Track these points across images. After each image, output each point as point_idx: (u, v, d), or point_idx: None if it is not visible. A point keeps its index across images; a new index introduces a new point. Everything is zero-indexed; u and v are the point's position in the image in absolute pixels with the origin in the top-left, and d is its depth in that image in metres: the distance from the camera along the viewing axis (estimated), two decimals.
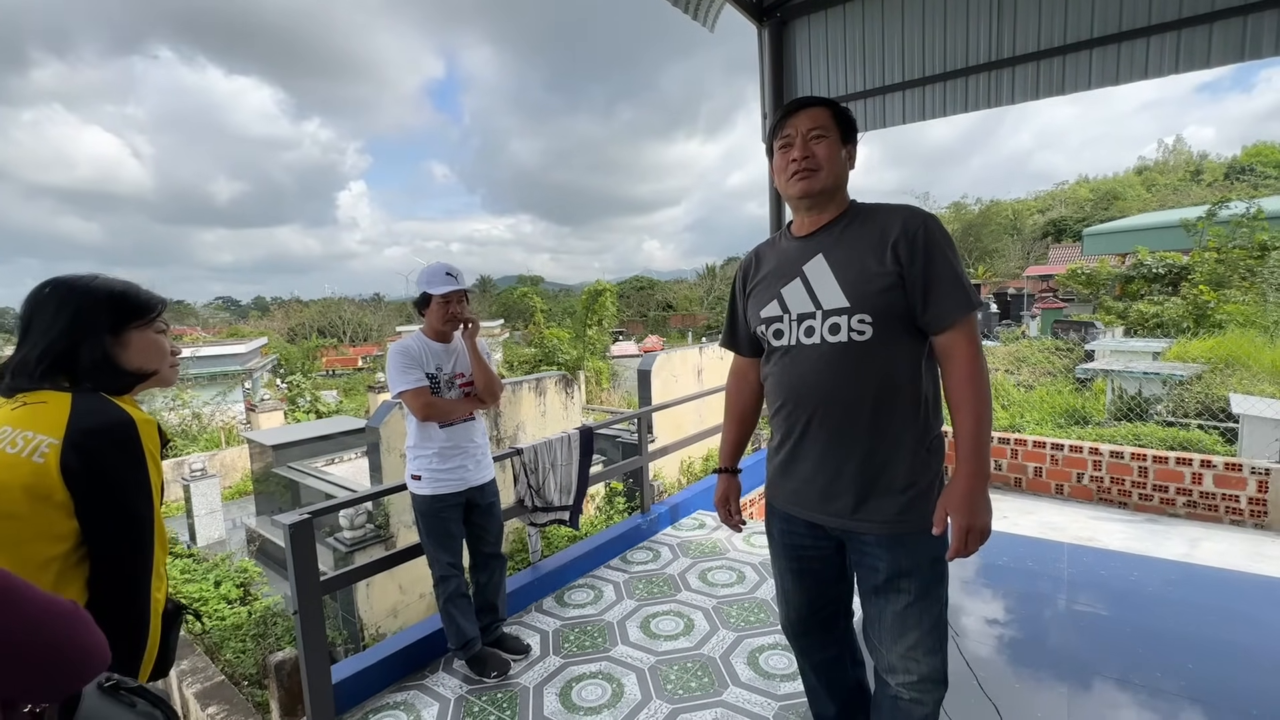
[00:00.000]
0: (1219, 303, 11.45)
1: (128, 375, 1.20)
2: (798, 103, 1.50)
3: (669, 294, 49.12)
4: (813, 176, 1.44)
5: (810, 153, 1.43)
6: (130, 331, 1.20)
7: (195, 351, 18.01)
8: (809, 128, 1.44)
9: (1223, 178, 37.62)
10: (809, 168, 1.43)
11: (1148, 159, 51.29)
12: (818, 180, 1.44)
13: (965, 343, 1.37)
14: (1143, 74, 2.73)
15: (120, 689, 0.95)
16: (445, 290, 2.41)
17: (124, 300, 1.20)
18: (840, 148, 1.46)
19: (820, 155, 1.43)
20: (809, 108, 1.46)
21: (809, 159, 1.43)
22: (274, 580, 5.97)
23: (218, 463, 12.31)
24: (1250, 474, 4.71)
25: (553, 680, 2.54)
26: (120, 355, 1.18)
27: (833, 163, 1.45)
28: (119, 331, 1.18)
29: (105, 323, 1.16)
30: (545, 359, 16.83)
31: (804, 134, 1.45)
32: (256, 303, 73.36)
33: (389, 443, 4.95)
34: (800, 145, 1.44)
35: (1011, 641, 2.64)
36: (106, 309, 1.16)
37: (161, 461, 1.19)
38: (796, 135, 1.46)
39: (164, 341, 1.29)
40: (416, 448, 2.48)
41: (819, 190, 1.45)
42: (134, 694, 0.95)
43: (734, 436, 1.82)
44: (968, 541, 1.33)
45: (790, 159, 1.46)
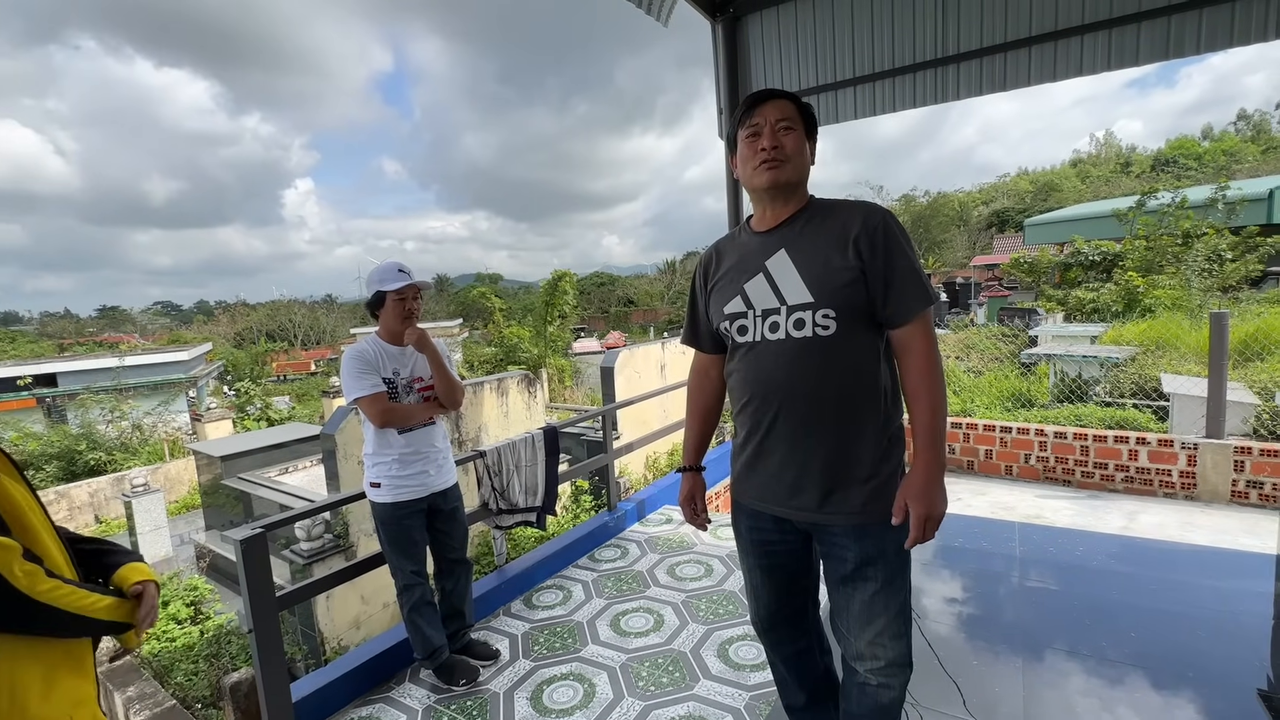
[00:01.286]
0: (1148, 288, 12.13)
1: None
2: (765, 93, 1.48)
3: (630, 289, 49.13)
4: (780, 167, 1.43)
5: (779, 143, 1.43)
6: None
7: (123, 360, 17.04)
8: (777, 118, 1.44)
9: (1149, 169, 39.89)
10: (777, 158, 1.43)
11: (1081, 152, 53.94)
12: (785, 171, 1.44)
13: (922, 336, 1.40)
14: (1078, 71, 2.85)
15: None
16: (399, 285, 2.34)
17: None
18: (805, 141, 1.48)
19: (789, 146, 1.44)
20: (776, 98, 1.46)
21: (778, 149, 1.43)
22: (227, 597, 5.72)
23: (161, 476, 11.72)
24: (1181, 449, 5.00)
25: (523, 684, 2.51)
26: None
27: (800, 155, 1.46)
28: None
29: None
30: (506, 358, 16.61)
31: (772, 123, 1.44)
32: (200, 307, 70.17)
33: (345, 449, 4.79)
34: (769, 135, 1.43)
35: (969, 619, 2.74)
36: None
37: None
38: (765, 124, 1.44)
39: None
40: (375, 455, 2.40)
41: (785, 181, 1.45)
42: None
43: (697, 434, 1.81)
44: (925, 529, 1.37)
45: (759, 148, 1.44)
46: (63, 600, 1.13)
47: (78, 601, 1.16)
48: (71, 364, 16.89)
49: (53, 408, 15.78)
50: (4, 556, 1.05)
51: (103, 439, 13.29)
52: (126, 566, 1.31)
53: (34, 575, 1.09)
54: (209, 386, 21.05)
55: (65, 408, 14.89)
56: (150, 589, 1.29)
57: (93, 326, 49.34)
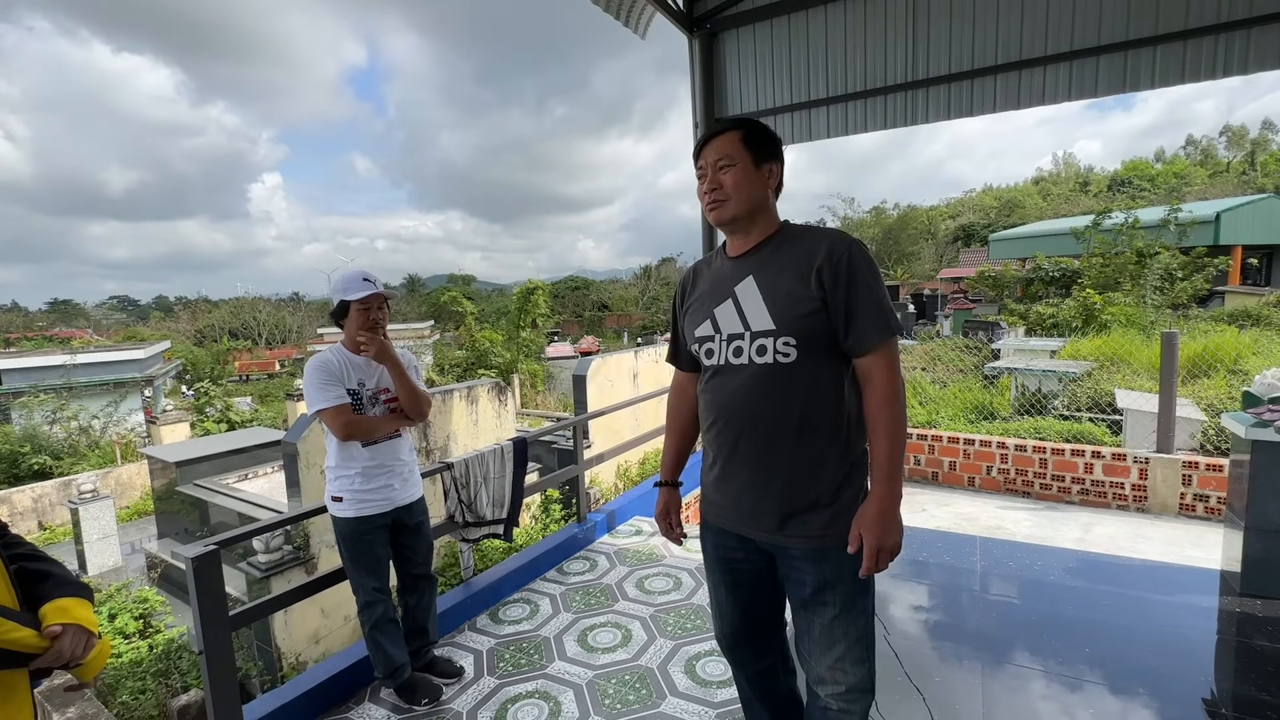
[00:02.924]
0: (1104, 304, 12.61)
1: None
2: (707, 134, 1.54)
3: (604, 294, 49.10)
4: (721, 207, 1.49)
5: (719, 183, 1.48)
6: None
7: (74, 358, 16.27)
8: (715, 159, 1.49)
9: (1106, 189, 41.52)
10: (718, 199, 1.49)
11: (1044, 170, 55.93)
12: (727, 210, 1.49)
13: (883, 367, 1.41)
14: (1040, 99, 2.95)
15: None
16: (364, 295, 2.29)
17: None
18: (753, 171, 1.48)
19: (727, 185, 1.48)
20: (717, 137, 1.51)
21: (717, 190, 1.48)
22: (179, 609, 5.50)
23: (112, 481, 11.24)
24: (1133, 463, 5.19)
25: (487, 703, 2.46)
26: None
27: (740, 189, 1.48)
28: None
29: None
30: (478, 362, 16.41)
31: (712, 164, 1.50)
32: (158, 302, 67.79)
33: (308, 458, 4.66)
34: (711, 176, 1.50)
35: (932, 631, 2.79)
36: None
37: None
38: (707, 166, 1.51)
39: None
40: (338, 468, 2.34)
41: (731, 218, 1.50)
42: None
43: (674, 450, 1.83)
44: (878, 559, 1.39)
45: (703, 191, 1.52)
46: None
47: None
48: (17, 361, 16.12)
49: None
50: None
51: (48, 441, 12.69)
52: (53, 604, 1.20)
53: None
54: (166, 386, 20.32)
55: (9, 407, 14.19)
56: (67, 635, 1.17)
57: (42, 320, 47.22)
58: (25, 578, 1.23)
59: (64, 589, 1.27)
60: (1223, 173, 40.82)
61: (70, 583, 1.31)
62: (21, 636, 1.13)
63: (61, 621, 1.19)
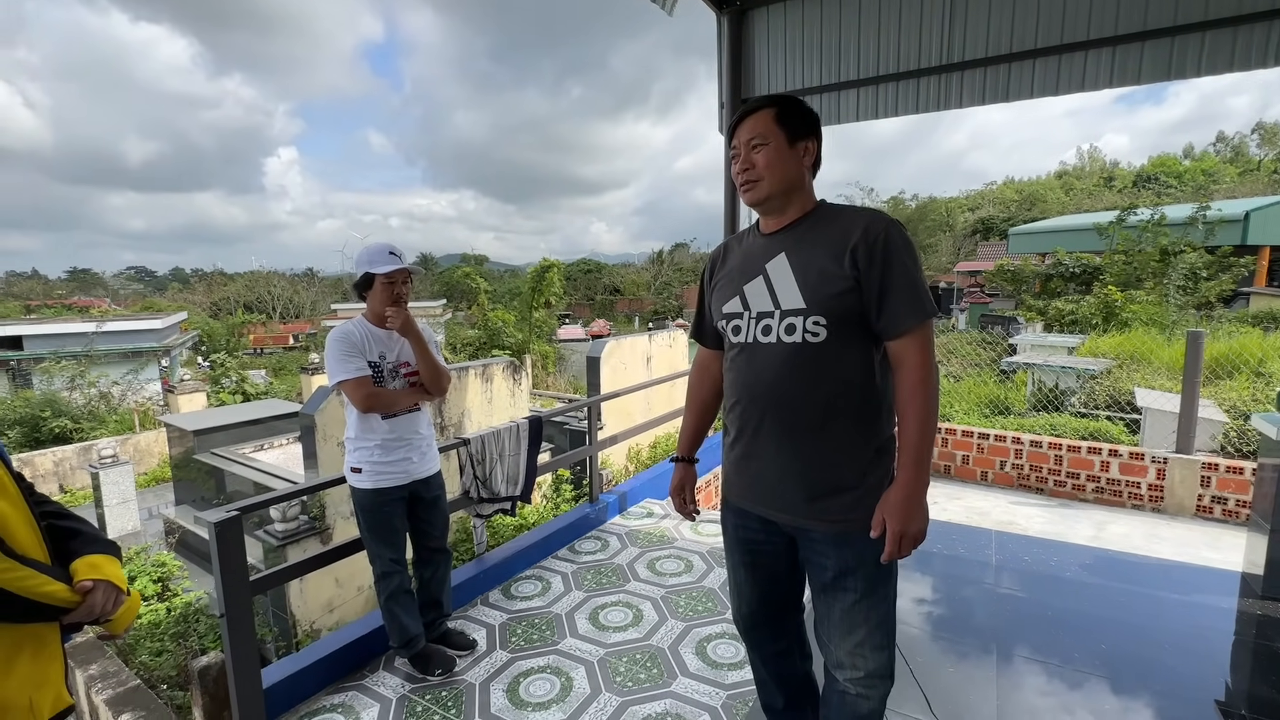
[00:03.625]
0: (1125, 302, 12.39)
1: None
2: (740, 113, 1.50)
3: (616, 278, 48.96)
4: (754, 187, 1.46)
5: (751, 164, 1.46)
6: None
7: (100, 326, 16.54)
8: (748, 138, 1.46)
9: (1131, 185, 40.64)
10: (750, 179, 1.46)
11: (1067, 164, 54.78)
12: (760, 190, 1.46)
13: (916, 350, 1.38)
14: (1080, 86, 2.87)
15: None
16: (389, 269, 2.28)
17: None
18: (786, 149, 1.45)
19: (760, 165, 1.45)
20: (750, 116, 1.47)
21: (749, 170, 1.46)
22: (196, 574, 5.61)
23: (131, 447, 11.44)
24: (1151, 463, 5.12)
25: (500, 676, 2.49)
26: None
27: (774, 169, 1.44)
28: None
29: None
30: (490, 341, 16.46)
31: (745, 144, 1.47)
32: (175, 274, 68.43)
33: (325, 430, 4.70)
34: (744, 157, 1.47)
35: (945, 624, 2.78)
36: None
37: None
38: (740, 147, 1.48)
39: None
40: (357, 439, 2.35)
41: (764, 198, 1.48)
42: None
43: (693, 426, 1.83)
44: (901, 545, 1.36)
45: (737, 172, 1.49)
46: (14, 583, 1.07)
47: (33, 587, 1.11)
48: (39, 327, 16.37)
49: (17, 371, 15.30)
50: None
51: (68, 406, 12.92)
52: (83, 559, 1.23)
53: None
54: (182, 357, 20.57)
55: (30, 372, 14.42)
56: (98, 590, 1.20)
57: (62, 289, 47.87)
58: (55, 535, 1.25)
59: (93, 546, 1.29)
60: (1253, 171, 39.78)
61: (99, 540, 1.33)
62: (54, 590, 1.14)
63: (92, 577, 1.21)
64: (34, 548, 1.17)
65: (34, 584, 1.11)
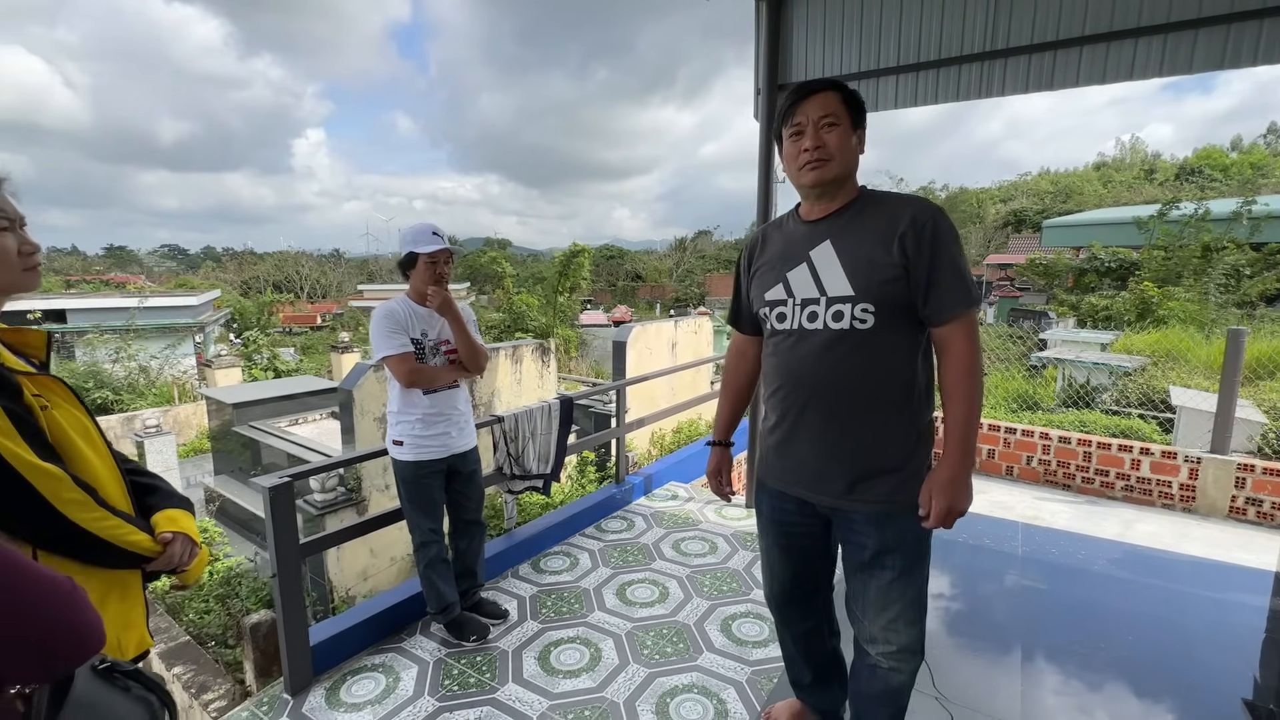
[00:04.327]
0: (1163, 299, 12.05)
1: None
2: (808, 87, 1.45)
3: (638, 264, 48.80)
4: (824, 166, 1.43)
5: (822, 142, 1.42)
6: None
7: (142, 301, 17.09)
8: (820, 115, 1.42)
9: (1173, 178, 39.20)
10: (821, 158, 1.42)
11: (1107, 155, 53.00)
12: (829, 170, 1.43)
13: (963, 337, 1.40)
14: (1129, 75, 2.80)
15: (114, 671, 0.91)
16: (433, 249, 2.35)
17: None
18: (850, 133, 1.45)
19: (832, 144, 1.42)
20: (820, 93, 1.43)
21: (821, 149, 1.42)
22: (235, 541, 5.83)
23: (170, 419, 11.84)
24: (1184, 462, 5.03)
25: (531, 644, 2.58)
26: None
27: (844, 151, 1.44)
28: None
29: None
30: (514, 325, 16.62)
31: (815, 121, 1.43)
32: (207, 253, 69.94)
33: (362, 406, 4.84)
34: (812, 134, 1.42)
35: (970, 614, 2.80)
36: None
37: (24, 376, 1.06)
38: (808, 123, 1.43)
39: (6, 242, 1.04)
40: (399, 413, 2.44)
41: (831, 180, 1.45)
42: (128, 677, 0.92)
43: (729, 411, 1.86)
44: (946, 520, 1.42)
45: (802, 148, 1.44)
46: (106, 531, 1.15)
47: (123, 535, 1.19)
48: (81, 301, 16.95)
49: (61, 344, 15.87)
50: (51, 484, 1.06)
51: (110, 378, 13.39)
52: (163, 513, 1.31)
53: (82, 504, 1.10)
54: (215, 333, 21.11)
55: (74, 344, 14.96)
56: (177, 542, 1.28)
57: (100, 265, 49.29)
58: (135, 490, 1.34)
59: (170, 500, 1.39)
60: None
61: (175, 495, 1.42)
62: (140, 540, 1.23)
63: (171, 529, 1.30)
64: (121, 500, 1.26)
65: (123, 533, 1.19)
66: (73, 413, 1.21)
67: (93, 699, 0.84)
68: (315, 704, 2.24)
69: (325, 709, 2.22)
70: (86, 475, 1.17)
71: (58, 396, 1.19)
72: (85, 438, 1.21)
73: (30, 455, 1.05)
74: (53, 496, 1.06)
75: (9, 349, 1.16)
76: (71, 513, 1.09)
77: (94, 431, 1.25)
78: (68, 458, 1.15)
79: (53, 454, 1.11)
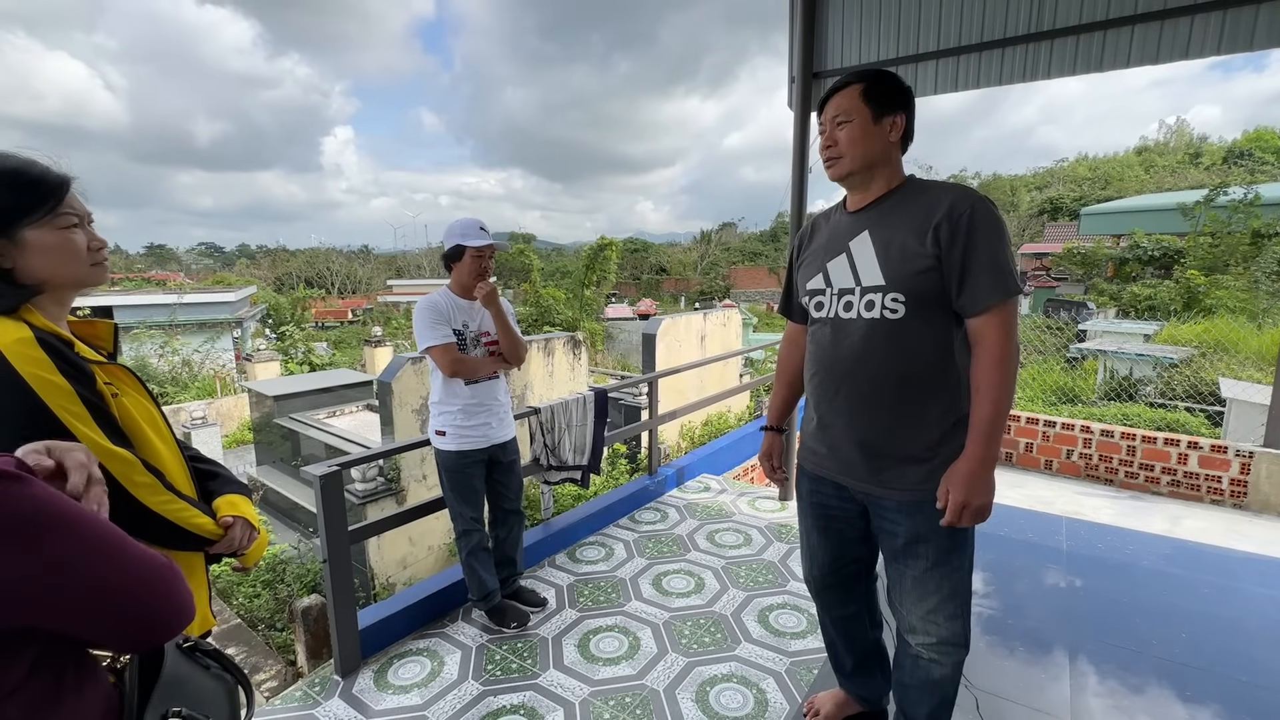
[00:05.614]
0: (1210, 288, 11.60)
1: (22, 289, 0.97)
2: (829, 90, 1.54)
3: (662, 257, 48.68)
4: (836, 164, 1.50)
5: (833, 140, 1.49)
6: (24, 230, 0.96)
7: (182, 298, 17.72)
8: (832, 115, 1.50)
9: (1220, 162, 37.56)
10: (831, 156, 1.50)
11: (1149, 139, 51.04)
12: (841, 166, 1.49)
13: (996, 329, 1.37)
14: (1184, 54, 2.69)
15: (197, 650, 0.96)
16: (481, 244, 2.40)
17: (11, 188, 0.94)
18: (871, 126, 1.45)
19: (841, 143, 1.48)
20: (838, 93, 1.50)
21: (831, 148, 1.50)
22: (278, 529, 6.03)
23: (214, 411, 12.24)
24: (1235, 456, 4.86)
25: (570, 632, 2.62)
26: (15, 262, 0.98)
27: (855, 146, 1.46)
28: (8, 231, 0.95)
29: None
30: (541, 318, 16.75)
31: (830, 121, 1.50)
32: (241, 250, 71.82)
33: (401, 398, 4.95)
34: (827, 134, 1.51)
35: (1015, 609, 2.75)
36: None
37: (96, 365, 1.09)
38: (826, 124, 1.52)
39: (75, 238, 1.05)
40: (441, 404, 2.49)
41: (844, 175, 1.51)
42: (208, 656, 0.97)
43: (782, 397, 1.90)
44: (961, 516, 1.38)
45: (822, 148, 1.54)
46: (174, 514, 1.19)
47: (188, 518, 1.24)
48: (126, 298, 17.59)
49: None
50: (123, 468, 1.10)
51: (154, 372, 13.88)
52: (224, 498, 1.35)
53: (152, 487, 1.15)
54: (251, 328, 21.72)
55: (120, 339, 15.54)
56: (238, 526, 1.32)
57: (141, 263, 50.98)
58: (196, 475, 1.39)
59: (230, 486, 1.44)
60: None
61: (234, 481, 1.48)
62: (203, 523, 1.28)
63: (232, 514, 1.35)
64: (185, 485, 1.31)
65: (188, 515, 1.24)
66: (140, 400, 1.25)
67: (181, 676, 0.89)
68: (364, 685, 2.31)
69: (374, 690, 2.29)
70: (154, 460, 1.21)
71: (126, 385, 1.24)
72: (152, 425, 1.26)
73: (105, 440, 1.09)
74: (125, 480, 1.11)
75: (80, 340, 1.22)
76: (142, 495, 1.14)
77: (160, 419, 1.30)
78: (137, 443, 1.20)
79: (124, 439, 1.16)
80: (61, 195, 1.05)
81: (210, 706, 0.90)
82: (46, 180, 1.03)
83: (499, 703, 2.21)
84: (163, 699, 0.83)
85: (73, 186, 1.12)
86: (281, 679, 2.83)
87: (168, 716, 0.83)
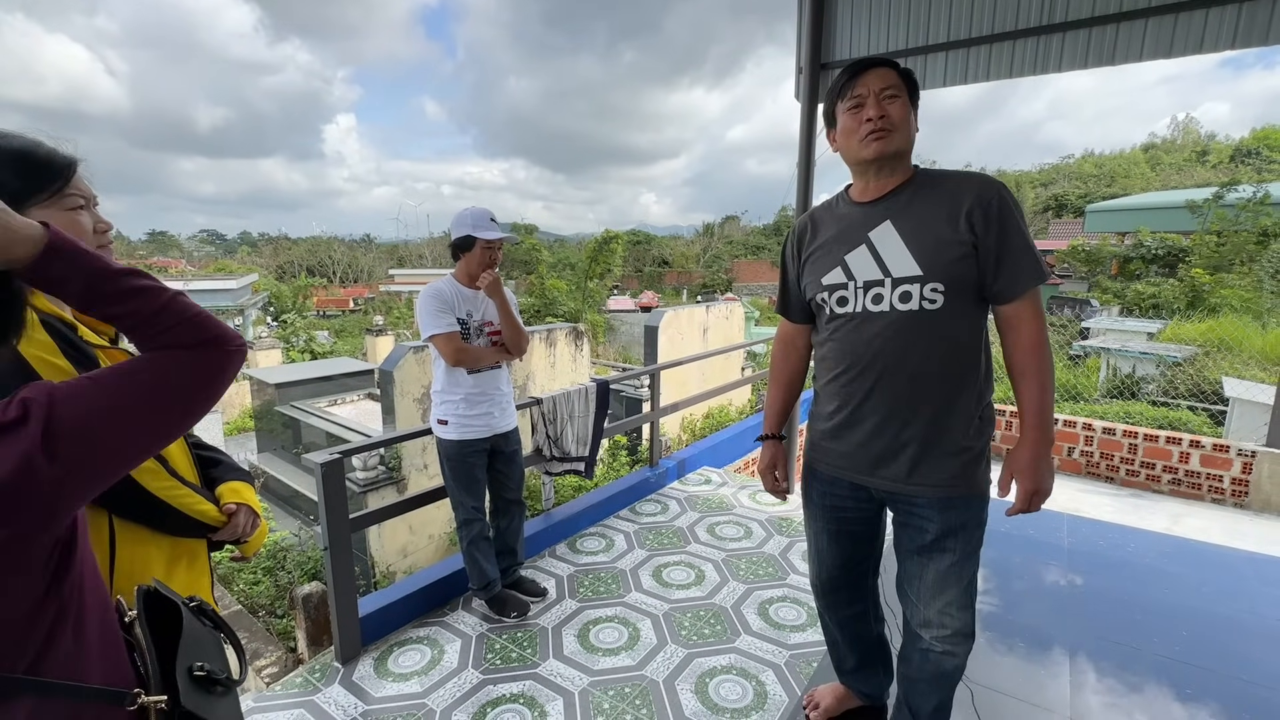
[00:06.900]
0: (1215, 286, 11.56)
1: None
2: (866, 62, 1.45)
3: (665, 250, 48.55)
4: (888, 137, 1.40)
5: (885, 112, 1.40)
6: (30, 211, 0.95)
7: (187, 285, 17.72)
8: (881, 87, 1.41)
9: (1228, 160, 37.33)
10: (884, 128, 1.40)
11: (1157, 136, 50.72)
12: (893, 141, 1.41)
13: (1031, 312, 1.39)
14: (1198, 47, 2.66)
15: (201, 610, 1.00)
16: (493, 236, 2.39)
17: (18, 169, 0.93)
18: (909, 108, 1.44)
19: (895, 115, 1.40)
20: (879, 66, 1.43)
21: (885, 119, 1.40)
22: (279, 516, 6.04)
23: None
24: (1237, 455, 4.85)
25: (570, 622, 2.63)
26: None
27: (907, 124, 1.42)
28: None
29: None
30: (544, 309, 16.73)
31: (877, 93, 1.41)
32: (243, 238, 71.73)
33: (402, 387, 4.95)
34: (874, 104, 1.40)
35: (1016, 605, 2.75)
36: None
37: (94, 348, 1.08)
38: (869, 94, 1.41)
39: (81, 220, 1.03)
40: (444, 393, 2.48)
41: (894, 151, 1.42)
42: (204, 615, 1.01)
43: (781, 403, 1.81)
44: (1031, 503, 1.40)
45: (864, 119, 1.42)
46: (177, 500, 1.19)
47: (192, 504, 1.23)
48: None
49: None
50: None
51: None
52: (227, 485, 1.35)
53: (155, 473, 1.14)
54: (253, 316, 21.72)
55: None
56: (241, 513, 1.32)
57: (143, 250, 50.98)
58: (199, 462, 1.38)
59: (233, 473, 1.43)
60: None
61: (237, 468, 1.47)
62: (207, 509, 1.27)
63: (235, 501, 1.34)
64: (188, 471, 1.31)
65: (191, 502, 1.24)
66: None
67: (197, 633, 0.95)
68: (365, 672, 2.32)
69: (374, 678, 2.29)
70: None
71: None
72: None
73: None
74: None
75: (83, 324, 1.21)
76: (145, 480, 1.13)
77: None
78: None
79: None
80: (68, 177, 1.04)
81: (218, 664, 0.95)
82: (54, 161, 1.02)
83: (499, 691, 2.21)
84: (186, 655, 0.88)
85: (79, 169, 1.11)
86: (282, 665, 2.84)
87: (192, 670, 0.87)
